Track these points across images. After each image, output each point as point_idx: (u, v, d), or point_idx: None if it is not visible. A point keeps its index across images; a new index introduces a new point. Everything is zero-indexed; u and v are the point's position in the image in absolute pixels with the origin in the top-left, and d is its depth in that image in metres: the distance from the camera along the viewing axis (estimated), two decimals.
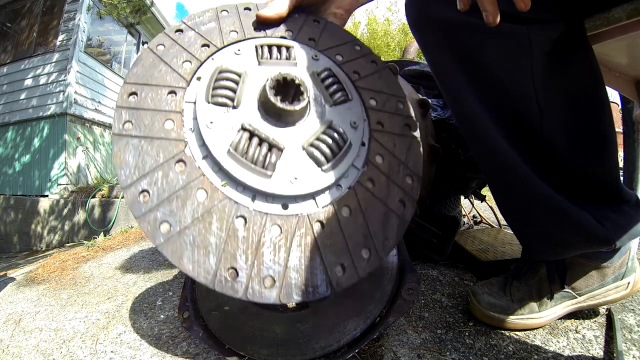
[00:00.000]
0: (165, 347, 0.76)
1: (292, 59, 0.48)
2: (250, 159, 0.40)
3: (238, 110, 0.42)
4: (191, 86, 0.44)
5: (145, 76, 0.43)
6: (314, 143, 0.43)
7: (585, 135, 0.59)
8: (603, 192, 0.61)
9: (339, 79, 0.48)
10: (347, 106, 0.47)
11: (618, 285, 0.70)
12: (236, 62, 0.46)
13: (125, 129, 0.40)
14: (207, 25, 0.48)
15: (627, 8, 0.54)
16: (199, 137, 0.41)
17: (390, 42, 9.46)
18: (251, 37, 0.49)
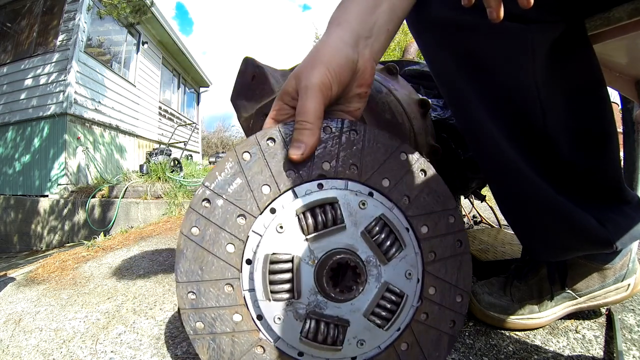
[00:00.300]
0: (165, 347, 0.76)
1: (339, 221, 0.43)
2: (322, 340, 0.43)
3: (300, 300, 0.43)
4: (243, 272, 0.43)
5: (195, 272, 0.42)
6: (375, 311, 0.44)
7: (587, 135, 0.58)
8: (605, 193, 0.61)
9: (391, 227, 0.44)
10: (402, 256, 0.45)
11: (618, 286, 0.69)
12: (282, 244, 0.42)
13: (197, 328, 0.42)
14: (233, 185, 0.43)
15: (627, 8, 0.54)
16: (268, 327, 0.43)
17: (390, 42, 9.46)
18: (286, 188, 0.43)
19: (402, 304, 0.45)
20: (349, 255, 0.42)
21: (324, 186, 0.44)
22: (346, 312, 0.44)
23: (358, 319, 0.44)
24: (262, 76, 0.99)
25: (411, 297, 0.46)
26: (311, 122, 0.42)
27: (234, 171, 0.43)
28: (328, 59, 0.42)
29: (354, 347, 0.44)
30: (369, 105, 0.85)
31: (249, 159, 0.43)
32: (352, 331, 0.44)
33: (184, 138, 7.83)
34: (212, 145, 21.92)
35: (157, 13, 6.99)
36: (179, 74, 9.87)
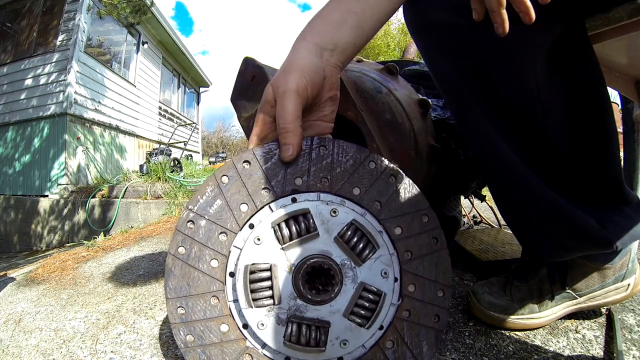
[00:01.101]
0: (165, 347, 0.76)
1: (312, 229, 0.46)
2: (305, 343, 0.45)
3: (281, 305, 0.45)
4: (227, 284, 0.46)
5: (183, 288, 0.45)
6: (354, 311, 0.46)
7: (587, 136, 0.58)
8: (605, 193, 0.61)
9: (363, 230, 0.47)
10: (376, 256, 0.47)
11: (618, 286, 0.69)
12: (260, 254, 0.46)
13: (188, 341, 0.45)
14: (214, 206, 0.46)
15: (627, 8, 0.54)
16: (254, 335, 0.46)
17: (390, 42, 9.47)
18: (262, 205, 0.47)
19: (381, 302, 0.47)
20: (322, 259, 0.46)
21: (297, 200, 0.47)
22: (326, 313, 0.46)
23: (338, 320, 0.46)
24: (262, 76, 0.99)
25: (389, 295, 0.47)
26: (291, 122, 0.45)
27: (214, 194, 0.47)
28: (301, 66, 0.46)
29: (337, 347, 0.46)
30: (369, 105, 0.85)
31: (227, 181, 0.47)
32: (333, 332, 0.46)
33: (184, 138, 7.84)
34: (212, 145, 21.92)
35: (157, 13, 6.99)
36: (179, 74, 9.87)
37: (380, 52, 9.25)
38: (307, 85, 0.46)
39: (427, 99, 0.91)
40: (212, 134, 23.91)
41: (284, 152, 0.46)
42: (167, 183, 4.46)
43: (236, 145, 21.77)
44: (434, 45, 0.61)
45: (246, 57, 0.85)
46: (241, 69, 0.89)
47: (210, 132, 23.95)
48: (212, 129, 24.77)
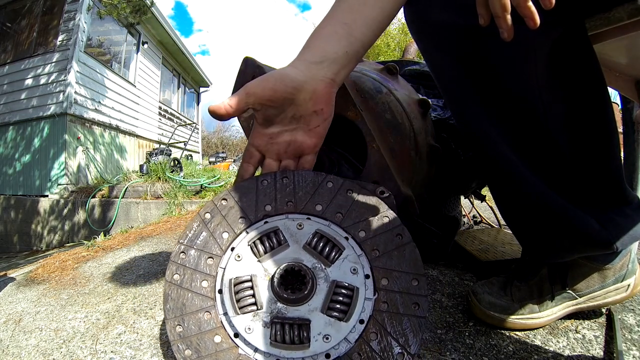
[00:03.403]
0: (165, 347, 0.76)
1: (282, 242, 0.53)
2: (290, 341, 0.49)
3: (264, 309, 0.50)
4: (217, 300, 0.52)
5: (179, 308, 0.51)
6: (330, 306, 0.50)
7: (587, 136, 0.58)
8: (605, 194, 0.61)
9: (328, 237, 0.53)
10: (343, 256, 0.53)
11: (618, 287, 0.69)
12: (242, 269, 0.53)
13: (187, 355, 0.49)
14: (201, 238, 0.55)
15: (627, 8, 0.54)
16: (245, 341, 0.50)
17: (390, 42, 9.47)
18: (240, 231, 0.55)
19: (355, 295, 0.50)
20: (293, 263, 0.52)
21: (268, 222, 0.55)
22: (305, 312, 0.50)
23: (318, 316, 0.50)
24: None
25: (362, 289, 0.51)
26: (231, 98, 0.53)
27: (200, 228, 0.56)
28: (267, 75, 0.53)
29: (321, 342, 0.49)
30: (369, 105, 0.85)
31: (210, 217, 0.56)
32: (315, 328, 0.49)
33: (184, 138, 7.84)
34: (212, 145, 21.92)
35: (157, 13, 6.99)
36: (179, 74, 9.87)
37: (380, 52, 9.25)
38: (260, 87, 0.51)
39: (427, 99, 0.91)
40: (212, 134, 23.92)
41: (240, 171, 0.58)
42: (167, 183, 4.46)
43: (236, 145, 21.77)
44: (434, 45, 0.61)
45: (246, 57, 0.85)
46: (241, 69, 0.89)
47: (210, 132, 23.96)
48: (212, 129, 24.79)
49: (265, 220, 0.55)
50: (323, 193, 0.56)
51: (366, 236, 0.54)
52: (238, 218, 0.56)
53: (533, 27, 0.44)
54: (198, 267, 0.53)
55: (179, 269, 0.53)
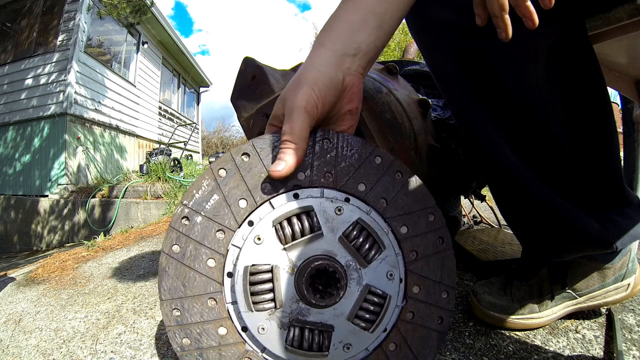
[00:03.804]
0: (165, 347, 0.76)
1: (315, 229, 0.44)
2: (307, 348, 0.43)
3: (283, 309, 0.43)
4: (225, 285, 0.44)
5: (178, 289, 0.43)
6: (358, 314, 0.45)
7: (587, 136, 0.58)
8: (605, 194, 0.61)
9: (369, 230, 0.45)
10: (382, 257, 0.45)
11: (618, 286, 0.69)
12: (261, 255, 0.43)
13: (184, 344, 0.43)
14: (211, 201, 0.44)
15: (627, 8, 0.54)
16: (253, 338, 0.44)
17: (390, 42, 9.46)
18: (263, 200, 0.44)
19: (386, 305, 0.45)
20: (327, 261, 0.43)
21: (299, 196, 0.45)
22: (330, 317, 0.44)
23: (342, 323, 0.44)
24: (262, 76, 0.99)
25: (394, 297, 0.46)
26: (295, 141, 0.42)
27: (211, 188, 0.44)
28: (313, 79, 0.43)
29: (340, 351, 0.44)
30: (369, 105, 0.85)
31: (225, 175, 0.44)
32: (337, 336, 0.44)
33: (184, 138, 7.84)
34: (212, 145, 21.92)
35: (157, 13, 6.99)
36: (179, 74, 9.87)
37: None
38: (317, 102, 0.43)
39: (427, 99, 0.91)
40: (212, 134, 23.91)
41: (274, 165, 0.43)
42: (167, 183, 4.46)
43: (236, 145, 21.74)
44: (434, 44, 0.61)
45: (246, 57, 0.85)
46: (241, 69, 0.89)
47: (210, 132, 23.95)
48: (212, 129, 24.78)
49: (295, 193, 0.44)
50: (369, 170, 0.47)
51: (407, 233, 0.47)
52: (261, 183, 0.44)
53: (531, 27, 0.43)
54: (205, 241, 0.43)
55: (180, 239, 0.43)
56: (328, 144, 0.46)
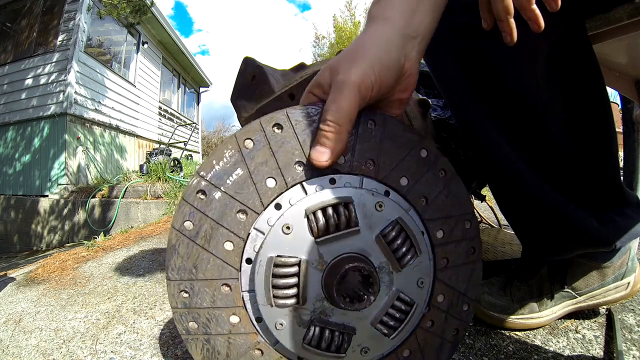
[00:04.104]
0: (165, 347, 0.76)
1: (353, 224, 0.39)
2: (325, 348, 0.40)
3: (305, 306, 0.39)
4: (243, 272, 0.39)
5: (188, 270, 0.38)
6: (383, 320, 0.42)
7: (587, 136, 0.59)
8: (605, 194, 0.61)
9: (407, 232, 0.41)
10: (416, 263, 0.42)
11: (618, 285, 0.69)
12: (289, 246, 0.38)
13: (190, 328, 0.40)
14: (233, 176, 0.38)
15: (627, 8, 0.54)
16: (267, 331, 0.40)
17: None
18: (294, 182, 0.39)
19: (412, 313, 0.42)
20: (362, 263, 0.38)
21: (336, 182, 0.40)
22: (353, 319, 0.41)
23: (365, 327, 0.42)
24: (262, 76, 0.99)
25: (421, 305, 0.43)
26: (341, 124, 0.37)
27: (235, 160, 0.38)
28: (373, 57, 0.38)
29: (357, 354, 0.42)
30: None
31: (252, 147, 0.38)
32: (357, 339, 0.42)
33: (184, 138, 7.84)
34: (212, 145, 21.91)
35: (157, 13, 6.99)
36: (179, 74, 9.87)
37: None
38: (373, 84, 0.38)
39: (427, 99, 0.91)
40: (212, 134, 23.91)
41: (316, 153, 0.37)
42: (167, 183, 4.45)
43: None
44: (434, 45, 0.61)
45: (246, 56, 0.85)
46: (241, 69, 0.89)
47: (210, 132, 23.95)
48: (212, 129, 24.79)
49: (332, 177, 0.40)
50: (414, 163, 0.42)
51: (443, 239, 0.43)
52: (294, 162, 0.38)
53: (537, 30, 0.42)
54: (223, 220, 0.38)
55: (194, 215, 0.38)
56: (373, 126, 0.40)
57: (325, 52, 11.04)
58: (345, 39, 9.90)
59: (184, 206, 0.38)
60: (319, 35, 11.34)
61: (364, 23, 6.37)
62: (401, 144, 0.42)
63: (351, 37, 9.81)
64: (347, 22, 10.39)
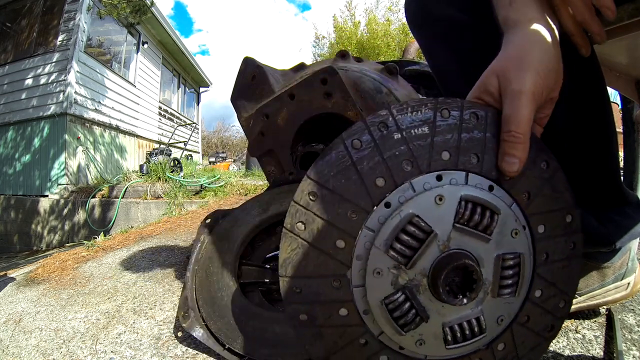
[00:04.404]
0: (165, 347, 0.76)
1: (488, 232, 0.40)
2: (396, 318, 0.40)
3: (408, 271, 0.39)
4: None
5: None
6: (463, 324, 0.42)
7: (587, 136, 0.58)
8: (604, 193, 0.61)
9: (521, 271, 0.41)
10: (508, 301, 0.42)
11: (618, 285, 0.69)
12: (431, 215, 0.39)
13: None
14: (418, 130, 0.39)
15: (627, 8, 0.54)
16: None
17: (391, 42, 9.46)
18: (461, 168, 0.40)
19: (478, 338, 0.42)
20: (477, 268, 0.39)
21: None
22: (433, 310, 0.41)
23: (437, 325, 0.42)
24: (262, 76, 0.99)
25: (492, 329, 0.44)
26: (525, 133, 0.38)
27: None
28: (538, 62, 0.39)
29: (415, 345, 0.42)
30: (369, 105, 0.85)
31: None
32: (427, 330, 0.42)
33: (184, 138, 7.84)
34: (212, 145, 21.94)
35: (157, 13, 6.99)
36: (179, 74, 9.87)
37: (380, 52, 9.24)
38: (542, 89, 0.39)
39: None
40: (212, 133, 23.94)
41: (506, 165, 0.39)
42: (167, 183, 4.45)
43: (236, 145, 21.80)
44: (435, 40, 0.61)
45: (246, 57, 0.85)
46: (241, 69, 0.89)
47: (210, 132, 23.99)
48: (212, 129, 24.83)
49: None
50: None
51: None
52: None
53: (600, 42, 0.43)
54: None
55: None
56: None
57: (325, 52, 11.02)
58: (345, 39, 9.89)
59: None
60: (319, 35, 11.33)
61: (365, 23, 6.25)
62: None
63: (351, 37, 9.80)
64: (347, 22, 10.38)
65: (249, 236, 0.92)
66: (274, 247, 0.98)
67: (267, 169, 1.09)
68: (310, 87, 0.93)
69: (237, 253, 0.88)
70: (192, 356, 0.73)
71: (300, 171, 1.00)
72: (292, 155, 1.03)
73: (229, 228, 0.93)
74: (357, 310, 0.41)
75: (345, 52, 1.11)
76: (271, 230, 0.98)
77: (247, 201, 0.99)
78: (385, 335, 0.42)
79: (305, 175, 0.40)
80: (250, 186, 3.81)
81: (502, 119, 0.39)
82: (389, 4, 10.24)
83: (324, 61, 1.19)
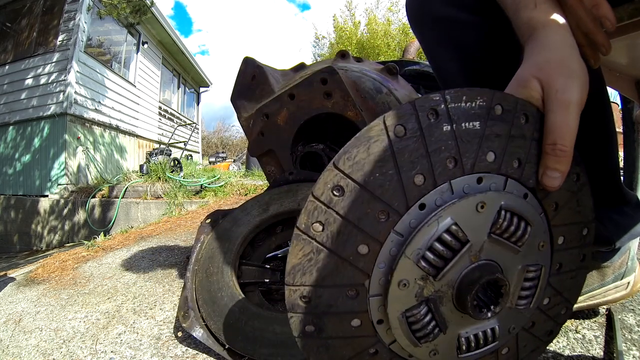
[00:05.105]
0: (165, 347, 0.76)
1: (519, 244, 0.37)
2: (414, 330, 0.37)
3: (435, 283, 0.36)
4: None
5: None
6: (479, 334, 0.40)
7: (586, 136, 0.58)
8: (604, 193, 0.61)
9: (540, 282, 0.40)
10: (522, 311, 0.41)
11: (618, 285, 0.69)
12: (469, 223, 0.35)
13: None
14: (469, 124, 0.34)
15: (627, 8, 0.54)
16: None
17: (391, 42, 9.46)
18: (503, 172, 0.36)
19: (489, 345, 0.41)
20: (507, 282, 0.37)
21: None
22: (453, 324, 0.39)
23: (453, 335, 0.41)
24: (262, 76, 0.99)
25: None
26: (570, 146, 0.36)
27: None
28: (580, 70, 0.38)
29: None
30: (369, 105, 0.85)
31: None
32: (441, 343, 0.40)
33: (184, 138, 7.84)
34: (212, 145, 21.93)
35: (157, 13, 6.99)
36: (179, 74, 9.87)
37: (380, 52, 9.24)
38: (584, 98, 0.38)
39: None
40: (212, 134, 23.93)
41: (548, 180, 0.37)
42: (167, 183, 4.45)
43: (236, 145, 21.80)
44: (436, 39, 0.61)
45: (246, 57, 0.85)
46: (241, 69, 0.89)
47: (210, 132, 23.97)
48: (212, 129, 24.81)
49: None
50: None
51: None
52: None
53: (605, 54, 0.43)
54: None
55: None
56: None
57: (325, 52, 11.03)
58: (345, 39, 9.89)
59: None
60: (318, 35, 11.34)
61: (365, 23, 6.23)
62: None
63: (351, 37, 9.81)
64: (347, 22, 10.39)
65: (249, 236, 0.92)
66: (274, 247, 0.98)
67: (267, 169, 1.10)
68: (310, 87, 0.93)
69: (237, 253, 0.88)
70: (192, 356, 0.73)
71: (301, 171, 1.00)
72: (292, 155, 1.04)
73: (229, 228, 0.93)
74: (370, 321, 0.37)
75: (345, 52, 1.11)
76: (271, 230, 0.98)
77: (247, 201, 0.99)
78: (397, 345, 0.39)
79: (331, 163, 0.33)
80: (250, 186, 3.81)
81: (546, 128, 0.37)
82: (389, 4, 10.26)
83: (324, 61, 1.20)
